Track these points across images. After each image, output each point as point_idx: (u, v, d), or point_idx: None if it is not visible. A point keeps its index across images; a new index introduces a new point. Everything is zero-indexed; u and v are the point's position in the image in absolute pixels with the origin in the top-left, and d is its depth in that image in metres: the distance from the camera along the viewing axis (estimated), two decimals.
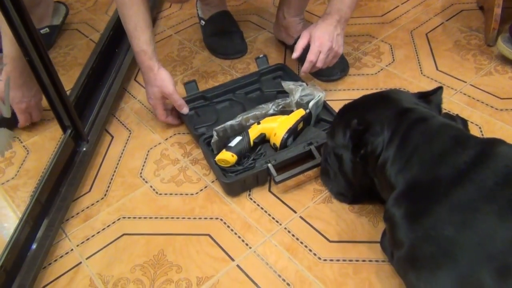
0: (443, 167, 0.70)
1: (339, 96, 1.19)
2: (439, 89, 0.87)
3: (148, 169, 1.09)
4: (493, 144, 0.71)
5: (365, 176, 0.85)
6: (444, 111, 1.08)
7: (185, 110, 1.12)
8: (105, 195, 1.04)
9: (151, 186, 1.04)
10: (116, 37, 1.39)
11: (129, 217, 0.99)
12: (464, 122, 1.06)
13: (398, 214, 0.72)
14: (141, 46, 1.05)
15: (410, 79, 1.22)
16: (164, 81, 1.07)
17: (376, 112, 0.82)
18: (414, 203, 0.71)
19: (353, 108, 0.88)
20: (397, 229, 0.71)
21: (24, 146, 1.18)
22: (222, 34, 1.38)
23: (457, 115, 1.07)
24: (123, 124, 1.21)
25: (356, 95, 0.92)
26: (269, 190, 1.00)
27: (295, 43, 1.10)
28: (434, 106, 0.86)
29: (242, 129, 1.04)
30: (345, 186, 0.92)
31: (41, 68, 0.96)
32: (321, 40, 1.07)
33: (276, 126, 1.02)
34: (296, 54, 1.09)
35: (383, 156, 0.78)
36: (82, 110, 1.17)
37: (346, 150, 0.85)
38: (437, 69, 1.24)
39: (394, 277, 0.82)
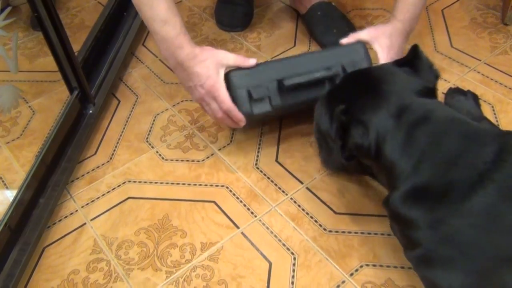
0: (460, 169, 0.63)
1: None
2: (416, 49, 0.78)
3: (154, 134, 1.08)
4: (511, 137, 0.65)
5: (359, 165, 0.80)
6: (454, 86, 1.07)
7: (253, 61, 0.90)
8: (111, 158, 1.03)
9: (157, 152, 1.04)
10: (125, 0, 1.36)
11: (134, 181, 0.98)
12: (475, 97, 1.04)
13: (412, 215, 0.66)
14: (178, 29, 0.86)
15: None
16: (214, 51, 0.89)
17: (368, 113, 0.72)
18: (430, 206, 0.65)
19: (340, 98, 0.78)
20: (414, 230, 0.66)
21: (29, 106, 1.17)
22: (226, 3, 1.35)
23: (468, 90, 1.05)
24: (130, 89, 1.20)
25: None
26: (276, 160, 0.99)
27: (307, 12, 1.07)
28: (424, 69, 0.77)
29: None
30: (335, 162, 0.86)
31: (49, 25, 0.94)
32: (391, 54, 0.91)
33: None
34: (345, 41, 0.95)
35: (383, 160, 0.71)
36: (89, 73, 1.16)
37: (335, 144, 0.77)
38: (451, 46, 1.21)
39: (398, 250, 0.81)
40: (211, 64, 0.87)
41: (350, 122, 0.73)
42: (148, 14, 0.86)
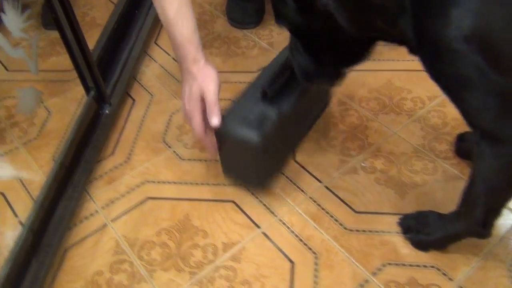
0: None
1: None
2: None
3: (171, 134, 1.08)
4: None
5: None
6: None
7: (215, 120, 0.84)
8: (128, 158, 1.04)
9: (174, 151, 1.04)
10: None
11: (153, 181, 0.99)
12: None
13: None
14: (185, 35, 0.84)
15: None
16: (207, 77, 0.85)
17: None
18: None
19: None
20: None
21: (45, 106, 1.17)
22: (237, 0, 1.34)
23: None
24: (144, 88, 1.20)
25: None
26: (294, 160, 0.99)
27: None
28: None
29: None
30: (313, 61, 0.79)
31: (66, 24, 0.93)
32: None
33: None
34: None
35: None
36: (104, 73, 1.15)
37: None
38: None
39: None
40: (196, 89, 0.85)
41: None
42: (160, 16, 0.85)
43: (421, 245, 0.81)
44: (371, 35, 0.71)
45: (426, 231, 0.80)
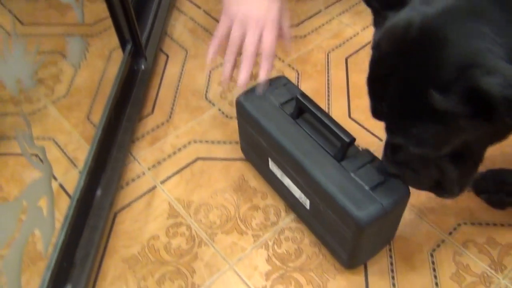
0: None
1: None
2: None
3: (213, 91, 1.01)
4: None
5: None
6: None
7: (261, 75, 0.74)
8: (170, 117, 0.97)
9: (219, 109, 0.97)
10: None
11: (200, 141, 0.92)
12: None
13: None
14: None
15: None
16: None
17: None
18: None
19: None
20: None
21: (72, 64, 1.08)
22: None
23: None
24: (177, 43, 1.12)
25: None
26: (349, 117, 0.94)
27: None
28: None
29: None
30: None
31: None
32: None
33: None
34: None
35: None
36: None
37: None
38: None
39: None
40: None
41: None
42: None
43: (502, 204, 0.77)
44: None
45: (507, 189, 0.76)
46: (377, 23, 0.56)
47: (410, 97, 0.50)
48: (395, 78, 0.51)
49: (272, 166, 0.78)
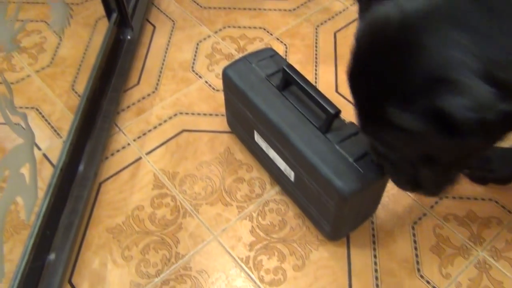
0: None
1: None
2: None
3: (200, 63, 1.00)
4: None
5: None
6: None
7: None
8: (156, 88, 0.96)
9: (206, 82, 0.97)
10: None
11: (186, 113, 0.92)
12: None
13: None
14: None
15: None
16: None
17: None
18: None
19: None
20: None
21: (54, 31, 1.06)
22: None
23: None
24: (164, 14, 1.10)
25: None
26: (336, 91, 0.94)
27: None
28: None
29: None
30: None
31: None
32: None
33: None
34: None
35: None
36: None
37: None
38: None
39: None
40: None
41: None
42: None
43: (483, 181, 0.78)
44: None
45: (489, 167, 0.77)
46: (362, 11, 0.55)
47: (376, 100, 0.49)
48: (367, 78, 0.50)
49: (258, 138, 0.78)
